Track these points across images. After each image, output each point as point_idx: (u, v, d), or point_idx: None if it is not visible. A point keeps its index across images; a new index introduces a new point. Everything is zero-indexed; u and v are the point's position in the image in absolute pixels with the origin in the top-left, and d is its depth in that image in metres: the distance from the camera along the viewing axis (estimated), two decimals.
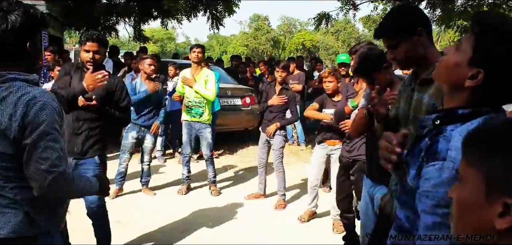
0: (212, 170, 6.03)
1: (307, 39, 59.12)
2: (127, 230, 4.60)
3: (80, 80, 3.46)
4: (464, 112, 1.33)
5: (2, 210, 1.76)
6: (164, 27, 18.07)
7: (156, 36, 58.25)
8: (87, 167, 3.54)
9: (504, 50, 1.27)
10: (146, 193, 5.93)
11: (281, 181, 5.57)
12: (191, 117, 5.89)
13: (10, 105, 1.67)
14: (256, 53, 59.27)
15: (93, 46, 3.48)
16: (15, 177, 1.75)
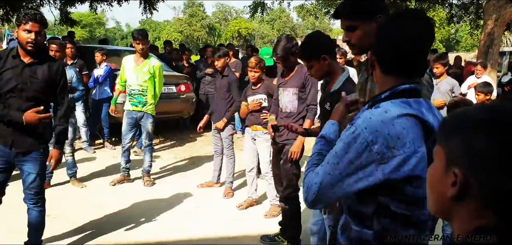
0: (148, 160, 5.88)
1: (243, 27, 59.28)
2: (56, 224, 4.35)
3: (16, 71, 3.21)
4: (385, 95, 1.54)
5: None
6: (93, 11, 17.29)
7: (85, 20, 55.68)
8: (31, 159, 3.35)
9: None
10: (75, 185, 5.65)
11: (231, 168, 5.54)
12: (133, 106, 5.70)
13: None
14: (191, 40, 58.56)
15: (35, 26, 3.16)
16: None
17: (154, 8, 15.90)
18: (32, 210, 3.51)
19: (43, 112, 3.29)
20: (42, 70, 3.30)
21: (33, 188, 3.43)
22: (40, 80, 3.28)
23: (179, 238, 4.28)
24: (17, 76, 3.23)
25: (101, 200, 5.15)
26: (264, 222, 4.71)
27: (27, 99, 3.25)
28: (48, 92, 3.36)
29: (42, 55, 3.35)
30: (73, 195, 5.37)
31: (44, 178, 3.57)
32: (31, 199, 3.46)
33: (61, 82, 3.44)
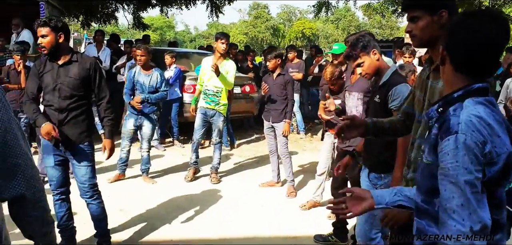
0: (217, 157, 6.08)
1: (306, 27, 58.95)
2: (127, 218, 4.64)
3: (52, 73, 3.52)
4: (458, 94, 1.54)
5: None
6: (163, 15, 18.02)
7: (155, 24, 57.98)
8: (78, 153, 3.61)
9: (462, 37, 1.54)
10: (146, 181, 5.97)
11: (288, 167, 5.59)
12: (206, 104, 5.94)
13: None
14: (255, 41, 59.11)
15: (40, 31, 3.46)
16: None
17: (221, 11, 16.29)
18: (90, 204, 3.77)
19: (82, 108, 3.58)
20: (76, 68, 3.56)
21: (85, 181, 3.67)
22: (74, 79, 3.54)
23: (243, 235, 4.40)
24: (54, 77, 3.54)
25: (169, 196, 5.39)
26: (327, 223, 4.70)
27: (64, 98, 3.53)
28: (83, 89, 3.60)
29: (75, 55, 3.60)
30: (143, 190, 5.68)
31: (93, 170, 3.76)
32: (86, 192, 3.72)
33: (96, 77, 3.66)
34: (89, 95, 3.69)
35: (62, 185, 3.72)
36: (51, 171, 3.67)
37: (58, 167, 3.66)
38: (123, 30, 41.20)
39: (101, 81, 3.70)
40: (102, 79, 3.72)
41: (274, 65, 5.58)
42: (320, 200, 5.11)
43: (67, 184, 3.77)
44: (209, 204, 5.18)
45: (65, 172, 3.75)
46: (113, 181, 5.84)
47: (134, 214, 4.76)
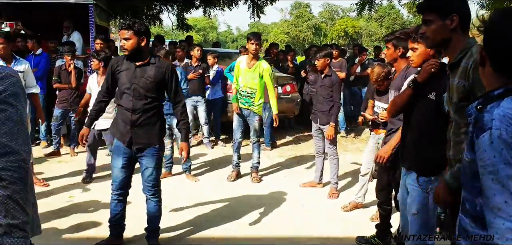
0: (256, 156, 6.11)
1: (349, 26, 58.20)
2: (171, 215, 4.75)
3: (129, 73, 3.64)
4: (499, 92, 1.51)
5: None
6: (206, 16, 18.30)
7: (199, 25, 58.94)
8: (148, 155, 3.73)
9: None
10: (189, 179, 6.08)
11: (334, 169, 5.53)
12: (241, 104, 5.99)
13: None
14: (297, 41, 58.92)
15: (123, 33, 3.60)
16: None
17: (262, 11, 16.36)
18: (150, 200, 3.90)
19: (154, 110, 3.69)
20: (152, 71, 3.66)
21: (150, 181, 3.81)
22: (150, 80, 3.64)
23: (284, 235, 4.41)
24: (130, 77, 3.64)
25: (212, 195, 5.47)
26: (369, 225, 4.63)
27: (138, 99, 3.64)
28: (157, 91, 3.70)
29: (152, 57, 3.71)
30: (187, 188, 5.79)
31: (160, 171, 3.91)
32: (149, 190, 3.85)
33: (172, 81, 3.74)
34: (162, 98, 3.79)
35: (122, 187, 3.86)
36: (116, 172, 3.81)
37: (124, 170, 3.80)
38: (168, 31, 42.11)
39: (176, 85, 3.77)
40: (178, 84, 3.80)
41: (322, 65, 5.52)
42: (362, 201, 5.05)
43: (128, 187, 3.92)
44: (251, 203, 5.22)
45: (129, 175, 3.88)
46: (161, 178, 5.92)
47: (179, 212, 4.87)
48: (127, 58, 3.69)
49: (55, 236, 4.18)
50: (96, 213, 4.72)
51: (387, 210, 4.18)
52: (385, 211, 4.19)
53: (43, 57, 7.56)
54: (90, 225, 4.45)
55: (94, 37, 8.01)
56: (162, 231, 4.17)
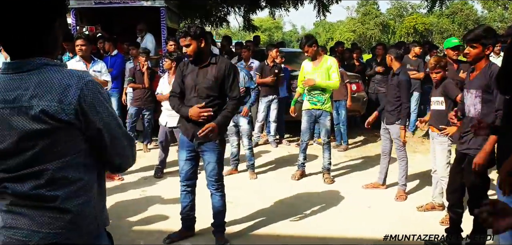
0: (327, 157, 6.07)
1: (419, 23, 56.09)
2: (237, 211, 4.87)
3: (193, 75, 3.85)
4: None
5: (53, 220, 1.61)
6: (271, 16, 18.46)
7: (264, 25, 59.45)
8: (208, 150, 3.90)
9: None
10: (250, 177, 6.21)
11: (402, 170, 5.41)
12: (312, 104, 5.96)
13: (53, 88, 1.54)
14: (363, 39, 57.70)
15: (184, 41, 3.80)
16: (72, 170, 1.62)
17: (328, 10, 16.23)
18: (214, 195, 4.06)
19: (215, 107, 3.81)
20: (213, 70, 3.82)
21: (213, 175, 3.97)
22: (211, 80, 3.80)
23: (349, 236, 4.39)
24: (194, 79, 3.84)
25: (277, 192, 5.54)
26: (437, 229, 4.49)
27: (202, 98, 3.82)
28: (219, 90, 3.85)
29: (214, 57, 3.88)
30: (253, 185, 5.93)
31: (222, 167, 4.05)
32: (212, 185, 4.02)
33: (231, 78, 3.87)
34: (224, 95, 3.93)
35: (189, 178, 4.07)
36: (182, 164, 4.05)
37: (188, 162, 4.02)
38: (234, 32, 42.87)
39: (234, 81, 3.91)
40: (235, 80, 3.94)
41: (389, 64, 5.46)
42: (439, 202, 4.90)
43: (194, 178, 4.12)
44: (315, 203, 5.24)
45: (194, 167, 4.08)
46: (226, 174, 6.13)
47: (244, 208, 4.99)
48: (191, 62, 3.90)
49: (128, 229, 4.45)
50: (167, 207, 4.96)
51: (458, 214, 4.03)
52: (456, 214, 4.03)
53: (118, 58, 8.05)
54: (162, 218, 4.69)
55: (165, 38, 8.37)
56: (228, 225, 4.31)
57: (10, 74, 1.58)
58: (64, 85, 1.54)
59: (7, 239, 1.62)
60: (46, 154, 1.56)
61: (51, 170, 1.57)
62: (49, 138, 1.54)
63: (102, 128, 1.62)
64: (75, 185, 1.62)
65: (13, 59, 1.60)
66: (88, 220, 1.67)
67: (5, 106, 1.55)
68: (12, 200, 1.60)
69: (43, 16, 1.57)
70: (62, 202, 1.59)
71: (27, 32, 1.56)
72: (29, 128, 1.53)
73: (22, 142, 1.54)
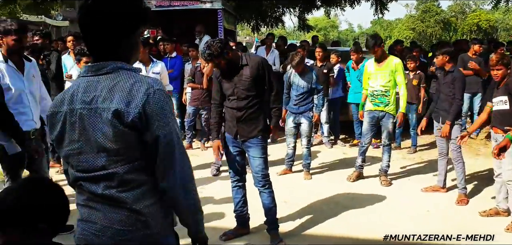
0: (386, 159, 5.94)
1: (483, 20, 53.41)
2: (291, 210, 4.91)
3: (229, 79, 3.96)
4: None
5: (126, 227, 1.69)
6: (327, 15, 18.32)
7: (319, 24, 58.96)
8: (253, 145, 4.00)
9: None
10: (305, 177, 6.21)
11: (460, 173, 5.22)
12: (375, 106, 5.84)
13: (123, 92, 1.61)
14: (423, 37, 55.79)
15: (212, 62, 3.95)
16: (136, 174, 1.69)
17: (386, 8, 15.89)
18: (262, 193, 4.13)
19: (256, 105, 3.94)
20: (247, 71, 3.89)
21: (258, 171, 4.04)
22: (248, 80, 3.89)
23: (404, 242, 4.29)
24: (231, 83, 3.94)
25: (331, 193, 5.51)
26: (503, 236, 4.31)
27: (241, 99, 3.92)
28: (256, 88, 3.93)
29: (244, 58, 3.95)
30: (307, 185, 5.93)
31: (266, 162, 4.10)
32: (259, 182, 4.08)
33: (266, 74, 3.97)
34: (262, 92, 4.03)
35: (238, 173, 4.19)
36: (230, 160, 4.18)
37: (236, 157, 4.14)
38: (289, 32, 42.86)
39: (270, 76, 4.03)
40: (271, 75, 4.05)
41: (441, 62, 5.27)
42: (503, 208, 4.70)
43: (244, 173, 4.22)
44: (371, 205, 5.18)
45: (243, 161, 4.20)
46: (280, 174, 6.25)
47: (298, 207, 5.01)
48: None
49: None
50: (223, 205, 5.07)
51: None
52: None
53: (177, 59, 8.32)
54: (218, 216, 4.80)
55: None
56: (283, 224, 4.36)
57: (89, 76, 1.68)
58: (134, 89, 1.61)
59: (83, 232, 1.73)
60: (116, 157, 1.64)
61: (121, 173, 1.65)
62: (119, 141, 1.61)
63: (160, 135, 1.63)
64: (143, 187, 1.69)
65: (94, 62, 1.69)
66: (156, 221, 1.73)
67: (83, 106, 1.64)
68: (89, 195, 1.70)
69: (127, 24, 1.67)
70: (132, 203, 1.67)
71: (110, 37, 1.65)
72: (101, 130, 1.61)
73: (95, 144, 1.63)
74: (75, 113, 1.66)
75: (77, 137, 1.67)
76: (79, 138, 1.67)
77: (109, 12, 1.63)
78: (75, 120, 1.66)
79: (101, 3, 1.63)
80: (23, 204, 1.54)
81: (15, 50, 3.70)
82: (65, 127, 1.69)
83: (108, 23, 1.63)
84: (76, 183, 1.74)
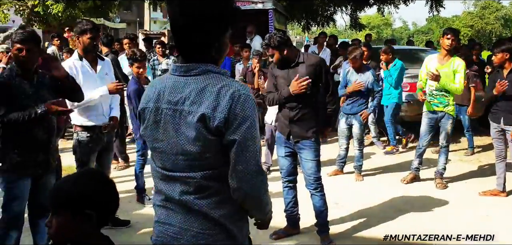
0: (443, 161, 5.71)
1: None
2: (342, 212, 4.85)
3: (285, 76, 3.95)
4: None
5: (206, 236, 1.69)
6: (380, 13, 17.93)
7: (372, 22, 57.77)
8: (305, 148, 3.96)
9: None
10: (356, 178, 6.10)
11: None
12: (434, 106, 5.62)
13: (211, 96, 1.59)
14: (482, 34, 53.35)
15: (268, 51, 3.96)
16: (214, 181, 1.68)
17: (441, 4, 15.35)
18: (314, 195, 4.08)
19: (310, 106, 3.91)
20: (303, 70, 3.86)
21: (311, 174, 4.00)
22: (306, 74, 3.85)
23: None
24: (286, 79, 3.92)
25: (384, 195, 5.39)
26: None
27: (295, 97, 3.86)
28: (311, 88, 3.85)
29: (301, 56, 3.93)
30: (359, 186, 5.84)
31: (319, 165, 4.06)
32: (311, 184, 4.04)
33: (321, 75, 3.94)
34: (317, 93, 4.00)
35: (290, 174, 4.16)
36: (281, 160, 4.17)
37: (287, 158, 4.12)
38: (341, 31, 42.32)
39: (326, 76, 4.02)
40: (328, 75, 4.02)
41: (499, 60, 5.02)
42: None
43: (295, 173, 4.20)
44: (425, 208, 5.02)
45: (293, 163, 4.18)
46: (331, 175, 6.18)
47: (349, 209, 4.94)
48: (279, 67, 4.02)
49: None
50: (273, 204, 5.07)
51: None
52: None
53: (226, 60, 8.44)
54: None
55: None
56: (333, 226, 4.31)
57: (177, 76, 1.68)
58: (221, 94, 1.59)
59: (161, 234, 1.73)
60: (196, 162, 1.63)
61: (199, 179, 1.64)
62: (201, 145, 1.60)
63: (237, 139, 1.58)
64: (220, 195, 1.67)
65: (183, 62, 1.68)
66: (233, 229, 1.72)
67: (169, 107, 1.65)
68: (167, 196, 1.71)
69: (221, 25, 1.66)
70: (209, 211, 1.66)
71: (204, 39, 1.64)
72: (184, 133, 1.61)
73: (177, 145, 1.63)
74: (160, 112, 1.67)
75: (161, 136, 1.68)
76: (162, 137, 1.68)
77: (205, 13, 1.62)
78: (159, 119, 1.67)
79: (196, 3, 1.62)
80: (76, 191, 1.64)
81: (90, 49, 3.97)
82: (151, 124, 1.70)
83: (203, 24, 1.62)
84: (156, 180, 1.76)
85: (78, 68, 3.92)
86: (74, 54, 4.06)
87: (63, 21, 13.17)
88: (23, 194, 3.27)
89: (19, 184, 3.25)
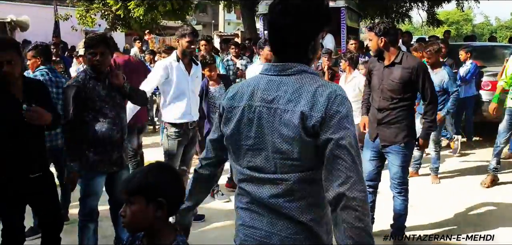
0: None
1: None
2: (416, 214, 4.69)
3: (378, 73, 3.85)
4: None
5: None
6: (459, 8, 17.07)
7: (451, 18, 54.97)
8: (393, 152, 3.84)
9: None
10: (432, 181, 5.89)
11: None
12: None
13: (307, 95, 1.58)
14: None
15: (368, 35, 3.91)
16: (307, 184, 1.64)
17: None
18: (396, 198, 3.99)
19: (401, 109, 3.73)
20: (398, 71, 3.69)
21: (396, 178, 3.89)
22: (395, 82, 3.70)
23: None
24: (380, 78, 3.81)
25: (461, 199, 5.18)
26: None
27: (385, 99, 3.78)
28: (404, 91, 3.71)
29: (399, 56, 3.72)
30: (435, 189, 5.63)
31: (407, 171, 3.94)
32: (395, 188, 3.94)
33: (418, 81, 3.69)
34: (412, 97, 3.83)
35: (372, 179, 4.03)
36: (366, 163, 4.01)
37: (373, 162, 4.01)
38: (417, 27, 40.72)
39: (425, 83, 3.72)
40: (426, 81, 3.73)
41: None
42: None
43: (377, 179, 4.09)
44: (506, 214, 4.76)
45: (379, 168, 4.04)
46: None
47: (425, 213, 4.80)
48: (378, 59, 3.88)
49: None
50: None
51: None
52: None
53: None
54: None
55: (345, 38, 8.47)
56: (408, 229, 4.22)
57: (270, 75, 1.67)
58: (318, 93, 1.57)
59: (246, 238, 1.72)
60: (289, 164, 1.61)
61: (290, 181, 1.62)
62: (295, 145, 1.58)
63: (331, 138, 1.54)
64: (309, 199, 1.65)
65: (277, 62, 1.68)
66: (320, 235, 1.69)
67: (262, 104, 1.63)
68: (252, 199, 1.70)
69: (318, 25, 1.66)
70: (298, 216, 1.64)
71: (302, 38, 1.64)
72: (279, 131, 1.59)
73: (270, 144, 1.62)
74: (253, 109, 1.65)
75: (253, 134, 1.66)
76: (254, 135, 1.66)
77: (306, 13, 1.61)
78: (253, 116, 1.65)
79: (299, 3, 1.61)
80: (149, 181, 1.74)
81: (187, 52, 4.26)
82: (242, 122, 1.69)
83: (302, 24, 1.62)
84: (241, 182, 1.74)
85: (173, 67, 4.21)
86: (173, 54, 4.40)
87: (143, 24, 13.85)
88: (98, 190, 3.52)
89: (96, 181, 3.49)
